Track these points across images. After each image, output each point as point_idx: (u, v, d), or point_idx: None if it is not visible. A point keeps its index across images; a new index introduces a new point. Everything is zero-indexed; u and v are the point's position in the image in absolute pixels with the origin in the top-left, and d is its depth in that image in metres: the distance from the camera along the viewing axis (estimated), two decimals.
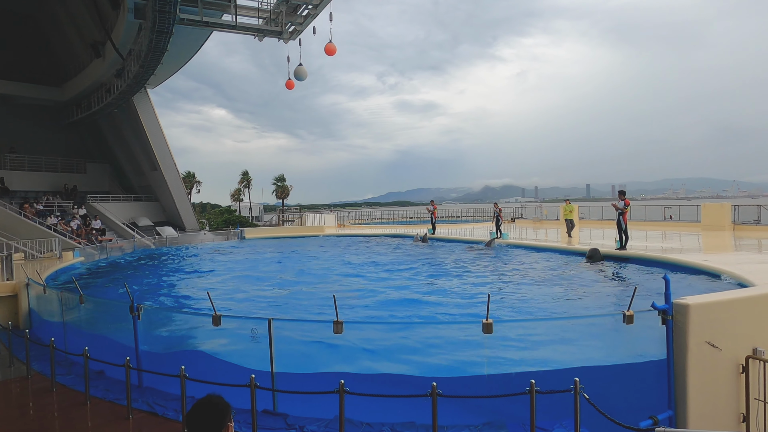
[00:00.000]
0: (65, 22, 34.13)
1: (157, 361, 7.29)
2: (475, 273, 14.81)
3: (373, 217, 46.65)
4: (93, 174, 37.13)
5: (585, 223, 30.31)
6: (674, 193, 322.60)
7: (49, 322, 10.33)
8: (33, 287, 11.25)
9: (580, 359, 6.03)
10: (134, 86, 28.80)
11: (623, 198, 16.29)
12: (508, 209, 40.00)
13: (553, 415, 5.26)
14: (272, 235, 32.42)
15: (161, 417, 6.00)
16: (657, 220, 28.03)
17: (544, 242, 20.83)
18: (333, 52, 19.95)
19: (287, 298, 12.63)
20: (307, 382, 5.94)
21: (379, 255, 20.82)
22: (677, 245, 17.36)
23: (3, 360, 9.06)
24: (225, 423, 2.32)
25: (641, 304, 5.58)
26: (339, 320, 5.66)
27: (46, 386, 7.35)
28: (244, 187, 68.94)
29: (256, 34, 25.46)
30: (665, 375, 5.43)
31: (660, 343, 5.45)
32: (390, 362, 6.33)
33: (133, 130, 34.01)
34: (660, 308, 5.41)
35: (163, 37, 22.63)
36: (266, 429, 5.42)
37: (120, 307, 7.56)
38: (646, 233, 21.60)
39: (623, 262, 14.72)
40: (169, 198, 35.20)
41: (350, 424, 5.30)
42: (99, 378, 7.34)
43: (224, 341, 7.08)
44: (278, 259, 21.32)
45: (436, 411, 4.68)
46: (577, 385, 4.60)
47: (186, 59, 32.20)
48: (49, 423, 6.22)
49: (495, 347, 5.69)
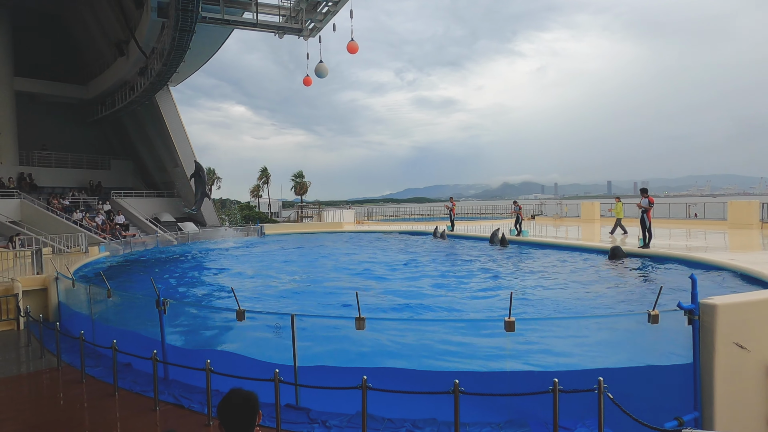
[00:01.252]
0: (90, 22, 34.83)
1: (182, 354, 7.45)
2: (496, 270, 14.74)
3: (391, 214, 46.65)
4: (117, 170, 37.90)
5: (607, 221, 29.87)
6: (699, 190, 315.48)
7: (77, 315, 10.61)
8: (62, 281, 11.56)
9: (603, 359, 5.98)
10: (157, 84, 29.26)
11: (646, 195, 16.02)
12: (528, 206, 39.65)
13: (576, 415, 5.23)
14: (292, 231, 32.71)
15: (187, 409, 6.12)
16: (681, 217, 27.47)
17: (564, 240, 20.60)
18: (355, 50, 19.99)
19: (309, 293, 12.74)
20: (329, 378, 6.00)
21: (399, 251, 20.86)
22: (702, 243, 17.01)
23: (35, 351, 9.35)
24: (257, 414, 2.41)
25: (666, 304, 5.51)
26: (361, 316, 5.70)
27: (76, 377, 7.56)
28: (263, 184, 69.57)
29: (276, 32, 25.65)
30: (691, 376, 5.36)
31: (686, 344, 5.38)
32: (411, 358, 6.35)
33: (156, 127, 34.58)
34: (686, 308, 5.33)
35: (186, 36, 22.94)
36: (290, 423, 5.50)
37: (146, 302, 7.73)
38: (670, 231, 21.21)
39: (647, 261, 14.49)
40: (191, 194, 35.71)
41: (372, 419, 5.35)
42: (126, 370, 7.52)
43: (248, 336, 7.19)
44: (299, 255, 21.51)
45: (458, 408, 4.69)
46: (600, 385, 4.56)
47: (207, 57, 32.59)
48: (78, 413, 6.41)
49: (517, 345, 5.68)
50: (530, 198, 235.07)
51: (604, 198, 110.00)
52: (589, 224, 28.63)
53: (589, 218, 30.63)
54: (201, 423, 5.71)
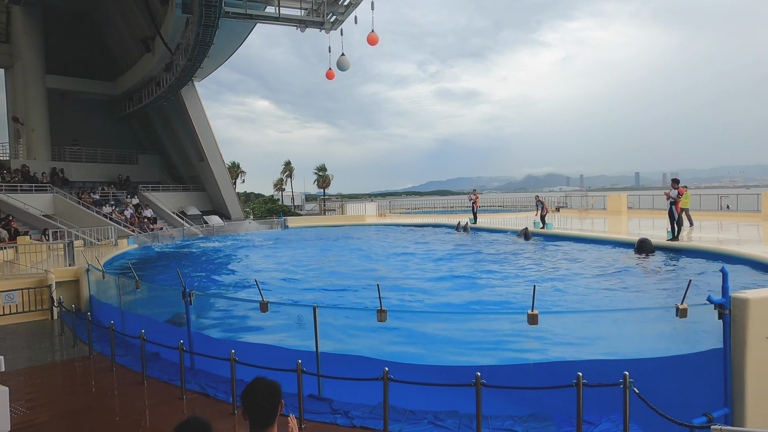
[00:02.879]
0: (117, 19, 35.54)
1: (208, 344, 7.60)
2: (519, 263, 14.59)
3: (414, 207, 46.56)
4: (144, 165, 38.73)
5: (635, 213, 29.25)
6: (731, 181, 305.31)
7: (107, 306, 10.92)
8: (93, 273, 11.90)
9: (629, 353, 5.87)
10: (182, 79, 29.73)
11: (676, 186, 15.59)
12: (552, 198, 39.05)
13: (601, 409, 5.16)
14: (315, 224, 32.94)
15: (212, 398, 6.26)
16: (712, 209, 26.67)
17: (590, 233, 20.24)
18: (375, 42, 19.94)
19: (332, 285, 12.83)
20: (351, 369, 6.04)
21: (422, 244, 20.81)
22: (735, 236, 16.50)
23: (67, 340, 9.67)
24: (279, 403, 2.45)
25: (695, 298, 5.37)
26: (383, 309, 5.72)
27: (106, 366, 7.80)
28: (287, 177, 70.18)
29: (298, 25, 25.77)
30: (721, 371, 5.22)
31: (715, 339, 5.24)
32: (433, 351, 6.35)
33: (181, 122, 35.19)
34: (717, 302, 5.18)
35: (210, 31, 23.23)
36: (312, 413, 5.56)
37: (173, 293, 7.91)
38: (700, 223, 20.61)
39: (676, 254, 14.13)
40: (216, 188, 36.31)
41: (394, 411, 5.37)
42: (155, 359, 7.72)
43: (271, 326, 7.28)
44: (322, 247, 21.67)
45: (480, 401, 4.67)
46: (626, 379, 4.48)
47: (231, 52, 32.98)
48: (109, 400, 6.62)
49: (540, 339, 5.62)
50: (555, 190, 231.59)
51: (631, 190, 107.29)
52: (616, 216, 28.05)
53: (616, 210, 30.01)
54: (226, 412, 5.83)
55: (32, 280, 11.98)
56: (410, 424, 5.22)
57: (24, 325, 11.10)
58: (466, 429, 5.05)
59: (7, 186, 26.99)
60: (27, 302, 11.57)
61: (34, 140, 32.89)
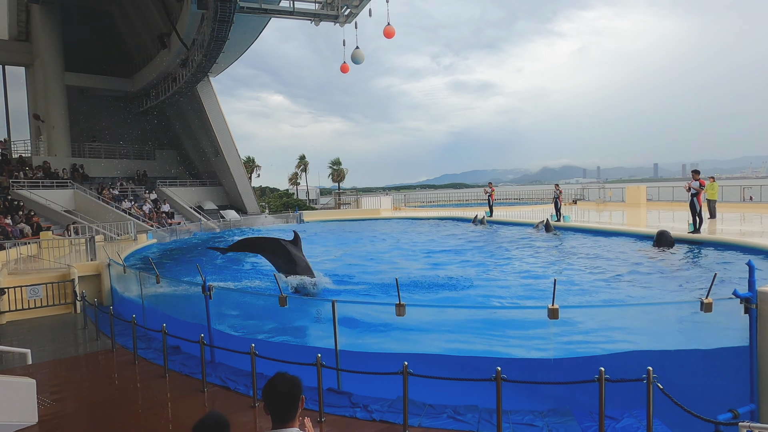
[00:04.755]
0: (134, 16, 35.90)
1: (228, 338, 7.68)
2: (537, 257, 14.47)
3: (429, 200, 46.43)
4: (162, 160, 39.21)
5: (654, 205, 28.79)
6: (754, 172, 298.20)
7: (128, 300, 11.10)
8: (114, 267, 12.10)
9: (653, 349, 5.78)
10: (198, 75, 29.97)
11: (697, 178, 15.29)
12: (570, 190, 38.60)
13: (624, 404, 5.10)
14: (330, 218, 33.07)
15: (233, 391, 6.33)
16: (735, 201, 26.12)
17: (608, 225, 19.98)
18: (392, 35, 19.83)
19: (350, 278, 12.85)
20: (370, 363, 6.06)
21: (438, 237, 20.76)
22: (758, 228, 16.14)
23: (90, 334, 9.87)
24: (300, 398, 2.47)
25: (719, 292, 5.27)
26: (401, 303, 5.71)
27: (129, 359, 7.94)
28: (302, 171, 70.41)
29: (312, 19, 25.73)
30: (746, 366, 5.12)
31: (741, 333, 5.14)
32: (453, 345, 6.33)
33: (198, 117, 35.50)
34: (743, 296, 5.08)
35: (225, 26, 23.34)
36: (332, 406, 5.59)
37: (193, 287, 8.00)
38: (722, 215, 20.19)
39: (697, 247, 13.88)
40: (232, 182, 36.62)
41: (413, 405, 5.37)
42: (176, 353, 7.83)
43: (290, 320, 7.33)
44: (338, 241, 21.72)
45: (500, 395, 4.64)
46: (650, 375, 4.41)
47: (246, 47, 33.09)
48: (132, 393, 6.73)
49: (561, 334, 5.56)
50: (571, 182, 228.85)
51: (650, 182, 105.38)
52: (635, 209, 27.63)
53: (635, 202, 29.56)
54: (247, 404, 5.88)
55: (56, 275, 12.23)
56: (429, 418, 5.22)
57: (48, 319, 11.36)
58: (486, 424, 5.03)
59: (30, 182, 27.56)
60: (51, 296, 11.82)
61: (54, 137, 33.50)
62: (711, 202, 19.53)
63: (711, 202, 19.54)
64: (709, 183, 20.00)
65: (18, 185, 26.77)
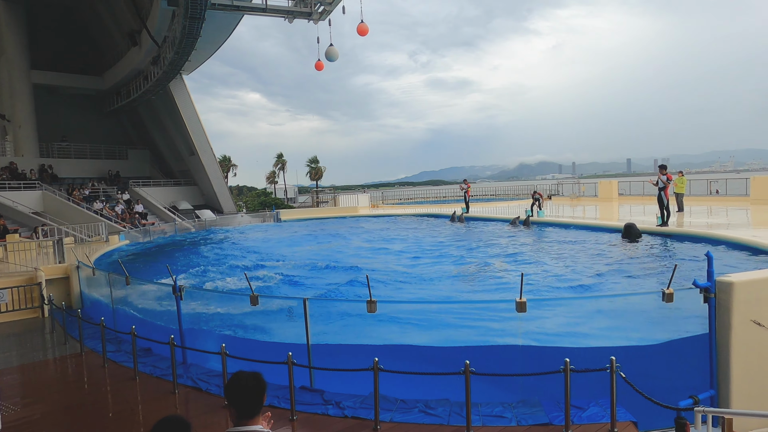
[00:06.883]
0: (103, 12, 35.00)
1: (200, 338, 7.60)
2: (511, 251, 14.66)
3: (407, 197, 46.57)
4: (134, 160, 38.38)
5: (625, 199, 29.44)
6: (722, 166, 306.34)
7: (98, 302, 10.87)
8: (83, 269, 11.84)
9: (617, 339, 5.94)
10: (170, 73, 29.40)
11: (664, 172, 15.68)
12: (545, 186, 39.19)
13: (590, 394, 5.22)
14: (307, 217, 32.88)
15: (205, 392, 6.27)
16: (702, 194, 26.91)
17: (581, 219, 20.36)
18: (365, 32, 19.83)
19: (324, 277, 12.85)
20: (341, 358, 6.07)
21: (414, 234, 20.85)
22: (724, 221, 16.65)
23: (59, 338, 9.63)
24: (263, 393, 2.49)
25: (684, 283, 5.43)
26: (372, 299, 5.74)
27: (98, 362, 7.78)
28: (279, 170, 69.90)
29: (286, 16, 25.52)
30: (707, 354, 5.30)
31: (701, 322, 5.30)
32: (423, 340, 6.39)
33: (171, 116, 34.87)
34: (702, 286, 5.25)
35: (196, 23, 22.96)
36: (304, 404, 5.59)
37: (163, 288, 7.88)
38: (690, 209, 20.77)
39: (665, 239, 14.25)
40: (207, 182, 36.09)
41: (385, 400, 5.41)
42: (146, 355, 7.71)
43: (262, 319, 7.29)
44: (313, 239, 21.64)
45: (469, 389, 4.72)
46: (613, 364, 4.54)
47: (219, 44, 32.61)
48: (102, 396, 6.61)
49: (529, 326, 5.66)
50: (547, 178, 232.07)
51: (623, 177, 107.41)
52: (607, 203, 28.22)
53: (607, 197, 30.21)
54: (218, 405, 5.84)
55: (22, 278, 11.90)
56: (401, 413, 5.26)
57: (14, 324, 11.04)
58: (457, 417, 5.10)
59: None
60: (17, 300, 11.49)
61: (21, 137, 32.48)
62: (679, 196, 20.11)
63: (679, 195, 20.12)
64: (678, 177, 20.65)
65: None
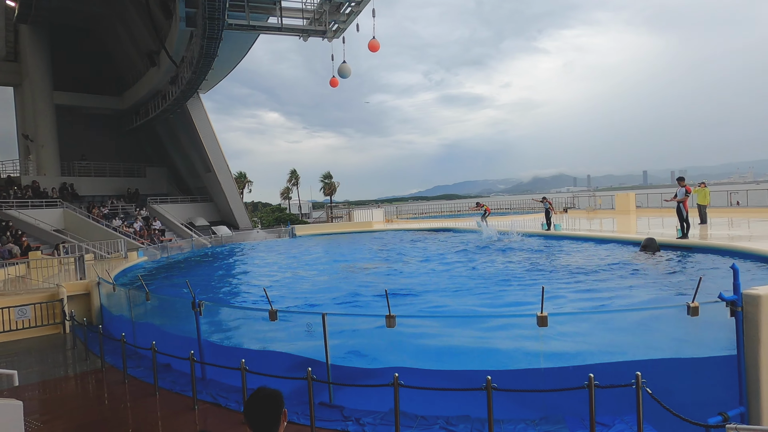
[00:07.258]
0: (123, 34, 35.99)
1: (219, 354, 7.61)
2: (529, 265, 14.51)
3: (421, 212, 46.54)
4: (152, 177, 39.06)
5: (643, 212, 29.05)
6: (741, 177, 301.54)
7: (118, 318, 10.98)
8: (103, 286, 11.99)
9: (641, 353, 5.81)
10: (188, 92, 30.01)
11: (683, 185, 15.46)
12: (560, 199, 38.88)
13: (614, 410, 5.11)
14: (322, 232, 33.00)
15: (224, 408, 6.27)
16: (722, 206, 26.41)
17: (598, 233, 20.12)
18: (376, 48, 20.03)
19: (341, 291, 12.82)
20: (362, 376, 6.04)
21: (428, 248, 20.77)
22: (746, 233, 16.32)
23: (80, 353, 9.74)
24: (282, 412, 2.46)
25: (706, 296, 5.31)
26: (391, 314, 5.71)
27: (118, 378, 7.84)
28: (293, 185, 70.44)
29: (300, 35, 25.94)
30: (735, 369, 5.16)
31: (729, 336, 5.18)
32: (444, 355, 6.32)
33: (188, 134, 35.48)
34: (728, 299, 5.13)
35: (213, 43, 23.45)
36: (323, 420, 5.55)
37: (183, 304, 7.94)
38: (711, 220, 20.41)
39: (686, 252, 14.00)
40: (223, 198, 36.52)
41: (405, 417, 5.35)
42: (166, 370, 7.75)
43: (281, 335, 7.29)
44: (329, 255, 21.67)
45: (491, 405, 4.64)
46: (638, 380, 4.44)
47: (235, 63, 33.26)
48: (122, 412, 6.64)
49: (551, 341, 5.58)
50: (562, 191, 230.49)
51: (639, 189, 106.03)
52: (624, 216, 27.86)
53: (624, 210, 29.82)
54: (237, 421, 5.83)
55: (44, 295, 12.09)
56: (422, 430, 5.20)
57: (37, 340, 11.20)
58: None
59: (18, 202, 27.31)
60: (39, 317, 11.67)
61: (43, 156, 33.32)
62: (702, 207, 19.62)
63: (702, 207, 19.62)
64: (701, 188, 20.13)
65: (6, 205, 26.52)
